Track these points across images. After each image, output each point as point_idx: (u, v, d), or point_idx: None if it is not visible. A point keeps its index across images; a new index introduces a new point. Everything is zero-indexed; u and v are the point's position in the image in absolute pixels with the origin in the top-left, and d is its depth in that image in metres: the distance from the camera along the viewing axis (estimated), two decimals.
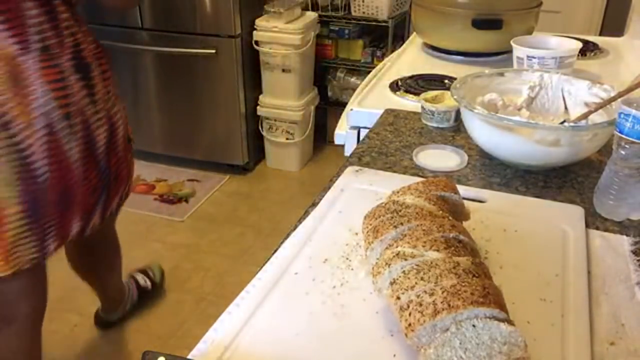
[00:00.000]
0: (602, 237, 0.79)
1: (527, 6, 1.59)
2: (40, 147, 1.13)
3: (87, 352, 1.86)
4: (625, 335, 0.62)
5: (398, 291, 0.57)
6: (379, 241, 0.65)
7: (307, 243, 0.76)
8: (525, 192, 0.92)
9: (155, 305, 2.06)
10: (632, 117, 0.78)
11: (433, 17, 1.63)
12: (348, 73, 3.06)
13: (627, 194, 0.82)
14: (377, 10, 2.80)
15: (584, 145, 0.91)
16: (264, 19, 2.70)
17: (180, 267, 2.27)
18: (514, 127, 0.92)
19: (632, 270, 0.72)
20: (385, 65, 1.60)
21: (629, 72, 1.49)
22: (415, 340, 0.54)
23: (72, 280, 2.18)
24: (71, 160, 1.20)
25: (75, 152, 1.20)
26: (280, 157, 3.00)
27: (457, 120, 1.14)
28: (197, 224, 2.56)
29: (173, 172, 2.95)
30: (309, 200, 0.90)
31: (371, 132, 1.14)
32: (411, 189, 0.71)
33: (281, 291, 0.67)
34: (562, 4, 2.87)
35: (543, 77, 1.09)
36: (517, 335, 0.52)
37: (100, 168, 1.29)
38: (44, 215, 1.20)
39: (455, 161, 1.02)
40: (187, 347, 0.59)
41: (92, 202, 1.31)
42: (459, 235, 0.63)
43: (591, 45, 1.72)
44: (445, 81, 1.43)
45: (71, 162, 1.20)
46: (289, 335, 0.60)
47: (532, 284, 0.68)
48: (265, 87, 2.86)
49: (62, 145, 1.17)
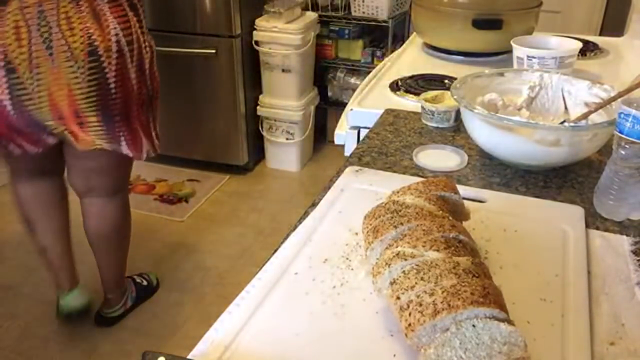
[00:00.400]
0: (602, 237, 0.79)
1: (527, 6, 1.59)
2: (113, 67, 1.44)
3: (87, 352, 1.86)
4: (625, 335, 0.62)
5: (398, 291, 0.57)
6: (379, 241, 0.65)
7: (307, 243, 0.76)
8: (525, 192, 0.92)
9: (155, 305, 2.06)
10: (632, 117, 0.78)
11: (433, 17, 1.63)
12: (348, 73, 3.06)
13: (627, 194, 0.82)
14: (377, 10, 2.80)
15: (584, 145, 0.91)
16: (264, 19, 2.70)
17: (180, 267, 2.27)
18: (514, 127, 0.92)
19: (632, 270, 0.72)
20: (385, 65, 1.60)
21: (629, 72, 1.49)
22: (415, 340, 0.54)
23: None
24: (131, 77, 1.49)
25: (133, 71, 1.49)
26: (280, 157, 3.00)
27: (457, 120, 1.14)
28: (197, 224, 2.56)
29: (173, 172, 2.95)
30: (309, 200, 0.90)
31: (371, 132, 1.14)
32: (411, 189, 0.71)
33: (281, 291, 0.67)
34: (562, 4, 2.87)
35: (543, 77, 1.09)
36: (517, 335, 0.52)
37: (147, 85, 1.56)
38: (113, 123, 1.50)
39: (455, 161, 1.02)
40: (187, 347, 0.59)
41: (145, 119, 1.58)
42: (459, 235, 0.63)
43: (591, 45, 1.72)
44: (445, 81, 1.43)
45: (131, 79, 1.50)
46: (289, 335, 0.60)
47: (532, 284, 0.68)
48: (265, 87, 2.86)
49: (127, 65, 1.47)
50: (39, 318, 2.00)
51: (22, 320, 1.99)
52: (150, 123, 1.62)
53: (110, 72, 1.44)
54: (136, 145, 1.58)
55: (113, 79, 1.45)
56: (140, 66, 1.51)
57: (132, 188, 2.79)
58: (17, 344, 1.89)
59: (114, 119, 1.49)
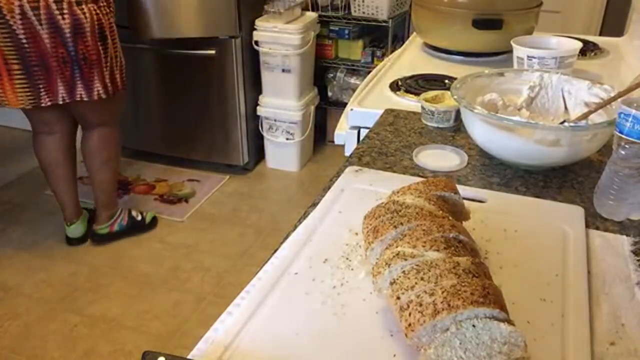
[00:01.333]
0: (602, 237, 0.79)
1: (527, 6, 1.59)
2: (20, 26, 1.82)
3: (87, 352, 1.86)
4: (625, 335, 0.62)
5: (398, 291, 0.57)
6: (379, 241, 0.65)
7: (307, 243, 0.76)
8: (525, 192, 0.92)
9: (155, 305, 2.06)
10: (632, 117, 0.78)
11: (433, 17, 1.63)
12: (348, 73, 3.06)
13: (627, 194, 0.82)
14: (377, 10, 2.80)
15: (584, 145, 0.91)
16: (264, 19, 2.70)
17: (180, 267, 2.27)
18: (514, 127, 0.92)
19: (632, 270, 0.72)
20: (385, 65, 1.60)
21: (629, 72, 1.49)
22: (415, 340, 0.54)
23: (72, 281, 2.18)
24: (42, 35, 1.85)
25: (44, 32, 1.84)
26: (280, 157, 3.00)
27: (457, 120, 1.14)
28: (197, 224, 2.56)
29: (173, 172, 2.95)
30: (309, 200, 0.90)
31: (371, 132, 1.14)
32: (411, 189, 0.71)
33: (281, 291, 0.67)
34: (562, 4, 2.87)
35: (543, 77, 1.09)
36: (517, 335, 0.52)
37: (67, 46, 1.89)
38: (33, 71, 1.89)
39: (455, 161, 1.02)
40: (187, 347, 0.59)
41: (69, 74, 1.94)
42: (459, 235, 0.63)
43: (591, 45, 1.72)
44: (445, 81, 1.43)
45: (42, 38, 1.85)
46: (289, 335, 0.60)
47: (532, 284, 0.68)
48: (265, 87, 2.86)
49: (35, 26, 1.83)
50: (39, 318, 2.00)
51: (22, 320, 1.99)
52: (77, 79, 1.96)
53: (18, 30, 1.82)
54: (53, 95, 1.95)
55: (23, 35, 1.83)
56: (53, 29, 1.85)
57: (132, 188, 2.79)
58: (17, 344, 1.89)
59: (33, 68, 1.89)
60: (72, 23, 1.87)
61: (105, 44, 1.99)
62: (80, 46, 1.92)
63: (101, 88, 2.02)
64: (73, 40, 1.89)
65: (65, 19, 1.85)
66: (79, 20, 1.88)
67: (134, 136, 2.97)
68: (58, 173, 2.22)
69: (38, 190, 2.76)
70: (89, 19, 1.90)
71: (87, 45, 1.93)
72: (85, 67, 1.96)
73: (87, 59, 1.95)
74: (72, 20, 1.87)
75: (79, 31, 1.89)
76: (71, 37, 1.88)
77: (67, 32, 1.87)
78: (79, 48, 1.92)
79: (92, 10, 1.91)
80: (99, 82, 2.01)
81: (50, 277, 2.21)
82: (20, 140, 3.27)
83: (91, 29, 1.92)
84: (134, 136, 2.97)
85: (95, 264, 2.28)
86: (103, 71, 2.01)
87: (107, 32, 1.99)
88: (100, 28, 1.95)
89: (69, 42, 1.89)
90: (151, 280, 2.20)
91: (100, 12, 1.94)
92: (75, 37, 1.89)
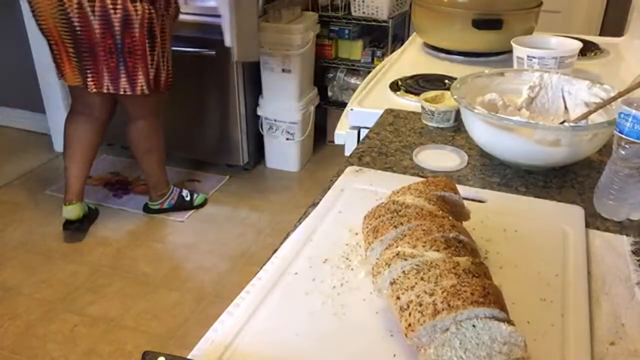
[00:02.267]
0: (602, 237, 0.79)
1: (527, 6, 1.59)
2: (76, 13, 1.97)
3: (87, 352, 1.86)
4: (625, 335, 0.62)
5: (398, 291, 0.57)
6: (379, 241, 0.65)
7: (307, 243, 0.76)
8: (525, 192, 0.92)
9: (155, 305, 2.06)
10: (632, 117, 0.78)
11: (433, 17, 1.63)
12: (348, 73, 3.06)
13: (627, 194, 0.82)
14: (377, 10, 2.80)
15: (584, 145, 0.91)
16: (264, 19, 2.70)
17: (180, 267, 2.27)
18: (514, 127, 0.92)
19: (632, 270, 0.72)
20: (385, 65, 1.60)
21: (629, 72, 1.49)
22: (415, 340, 0.54)
23: (73, 281, 2.18)
24: (94, 25, 1.99)
25: (96, 22, 1.98)
26: (280, 157, 3.00)
27: (457, 120, 1.14)
28: (197, 224, 2.56)
29: (173, 172, 2.94)
30: (309, 200, 0.90)
31: (371, 132, 1.14)
32: (411, 189, 0.71)
33: (281, 291, 0.67)
34: (562, 4, 2.87)
35: (543, 77, 1.09)
36: (517, 335, 0.52)
37: (115, 38, 2.02)
38: (82, 56, 2.06)
39: (455, 161, 1.02)
40: (187, 347, 0.59)
41: (114, 65, 2.07)
42: (459, 235, 0.63)
43: (591, 45, 1.72)
44: (445, 81, 1.43)
45: (94, 27, 1.99)
46: (289, 335, 0.60)
47: (532, 284, 0.68)
48: (265, 87, 2.86)
49: (88, 16, 1.98)
50: (39, 318, 2.00)
51: (22, 320, 1.99)
52: (121, 71, 2.09)
53: (74, 17, 1.97)
54: (99, 82, 2.10)
55: (77, 23, 1.98)
56: (104, 20, 1.98)
57: (132, 188, 2.79)
58: (17, 344, 1.89)
59: (83, 54, 2.05)
60: (122, 17, 1.99)
61: (153, 42, 2.10)
62: (127, 39, 2.03)
63: (145, 83, 2.14)
64: (121, 33, 2.02)
65: (117, 13, 1.98)
66: (129, 15, 2.00)
67: None
68: (76, 151, 2.34)
69: (38, 190, 2.76)
70: (140, 15, 2.02)
71: (134, 39, 2.04)
72: (130, 60, 2.07)
73: (133, 52, 2.06)
74: (122, 15, 1.99)
75: (127, 25, 2.01)
76: (120, 30, 2.01)
77: (116, 25, 2.00)
78: (125, 41, 2.03)
79: (145, 8, 2.03)
80: (143, 76, 2.12)
81: (50, 277, 2.21)
82: (20, 140, 3.27)
83: (140, 24, 2.03)
84: None
85: (95, 264, 2.28)
86: (148, 67, 2.12)
87: (158, 32, 2.10)
88: (150, 26, 2.07)
89: (117, 34, 2.01)
90: (151, 280, 2.20)
91: (155, 13, 2.07)
92: (124, 30, 2.01)
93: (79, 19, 1.98)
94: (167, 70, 2.23)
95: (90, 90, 2.11)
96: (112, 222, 2.54)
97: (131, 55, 2.06)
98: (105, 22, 1.99)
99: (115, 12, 1.98)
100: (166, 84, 2.25)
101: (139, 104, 2.29)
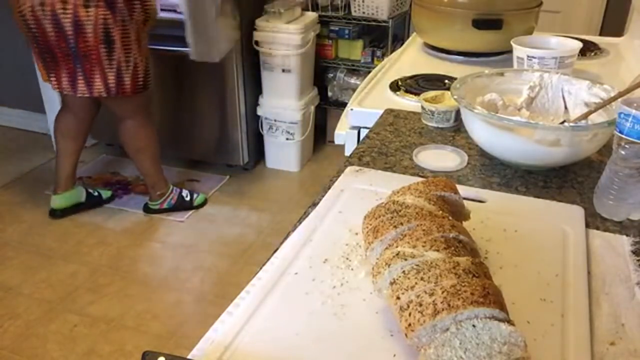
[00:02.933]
0: (602, 237, 0.79)
1: (527, 6, 1.59)
2: (30, 17, 2.02)
3: (87, 352, 1.86)
4: (625, 335, 0.62)
5: (398, 291, 0.57)
6: (379, 241, 0.65)
7: (307, 243, 0.76)
8: (525, 192, 0.92)
9: (155, 305, 2.06)
10: (632, 117, 0.78)
11: (433, 17, 1.63)
12: (348, 73, 3.06)
13: (627, 194, 0.82)
14: (377, 10, 2.80)
15: (584, 145, 0.91)
16: (264, 19, 2.70)
17: (180, 267, 2.27)
18: (514, 127, 0.92)
19: (632, 270, 0.72)
20: (385, 65, 1.60)
21: (629, 72, 1.49)
22: (415, 340, 0.54)
23: (72, 281, 2.18)
24: (47, 29, 2.02)
25: (49, 27, 2.02)
26: (280, 157, 3.00)
27: (457, 120, 1.14)
28: (197, 224, 2.56)
29: (173, 172, 2.94)
30: (309, 200, 0.90)
31: (371, 132, 1.14)
32: (411, 189, 0.71)
33: (281, 291, 0.67)
34: (562, 4, 2.87)
35: (543, 77, 1.09)
36: (517, 335, 0.52)
37: (68, 42, 2.04)
38: (44, 57, 2.12)
39: (455, 161, 1.02)
40: (187, 347, 0.59)
41: (71, 67, 2.09)
42: (459, 235, 0.63)
43: (591, 45, 1.72)
44: (445, 81, 1.43)
45: (47, 30, 2.03)
46: (289, 335, 0.60)
47: (532, 284, 0.68)
48: (265, 87, 2.86)
49: (40, 19, 2.01)
50: (39, 318, 2.00)
51: (22, 320, 1.99)
52: (79, 74, 2.11)
53: (29, 20, 2.02)
54: (59, 83, 2.15)
55: (33, 25, 2.03)
56: (55, 24, 2.00)
57: (132, 188, 2.79)
58: (17, 344, 1.89)
59: (45, 55, 2.11)
60: (73, 21, 2.00)
61: (110, 47, 2.08)
62: (81, 44, 2.04)
63: (102, 87, 2.13)
64: (74, 37, 2.02)
65: (68, 17, 1.99)
66: (80, 19, 2.00)
67: None
68: (64, 146, 2.44)
69: (38, 190, 2.76)
70: (93, 20, 2.01)
71: (88, 43, 2.04)
72: (87, 64, 2.08)
73: (88, 56, 2.07)
74: (73, 19, 2.00)
75: (80, 29, 2.01)
76: (72, 34, 2.02)
77: (68, 29, 2.01)
78: (79, 45, 2.04)
79: (99, 13, 2.01)
80: (101, 81, 2.12)
81: (50, 277, 2.21)
82: (20, 140, 3.27)
83: (94, 29, 2.02)
84: None
85: (95, 264, 2.28)
86: (105, 71, 2.11)
87: (117, 37, 2.07)
88: (106, 31, 2.05)
89: (70, 38, 2.03)
90: (151, 280, 2.20)
91: (112, 18, 2.04)
92: (77, 34, 2.02)
93: (34, 21, 2.02)
94: (135, 73, 2.18)
95: (54, 89, 2.18)
96: (112, 222, 2.54)
97: (86, 59, 2.07)
98: (57, 26, 2.00)
99: (66, 16, 1.98)
100: (133, 87, 2.19)
101: (119, 104, 2.29)
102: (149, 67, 2.27)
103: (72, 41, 2.03)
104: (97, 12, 2.00)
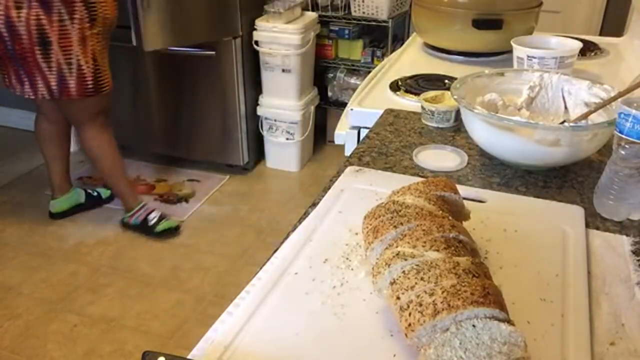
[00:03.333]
0: (602, 237, 0.79)
1: (527, 6, 1.59)
2: None
3: (87, 352, 1.86)
4: (625, 335, 0.62)
5: (398, 291, 0.57)
6: (379, 241, 0.65)
7: (307, 243, 0.76)
8: (525, 192, 0.92)
9: (155, 305, 2.06)
10: (632, 117, 0.78)
11: (433, 17, 1.63)
12: (348, 73, 3.06)
13: (627, 194, 0.82)
14: (377, 10, 2.80)
15: (584, 145, 0.91)
16: (264, 19, 2.70)
17: (180, 267, 2.27)
18: (514, 127, 0.92)
19: (632, 270, 0.72)
20: (385, 65, 1.60)
21: (629, 72, 1.49)
22: (415, 340, 0.54)
23: (72, 281, 2.18)
24: None
25: None
26: (280, 157, 3.00)
27: (457, 120, 1.14)
28: (197, 224, 2.56)
29: (173, 172, 2.95)
30: (309, 200, 0.90)
31: (371, 132, 1.14)
32: (411, 189, 0.71)
33: (281, 291, 0.67)
34: (562, 4, 2.87)
35: (543, 77, 1.09)
36: (517, 335, 0.52)
37: (5, 44, 2.02)
38: None
39: (455, 161, 1.02)
40: (187, 347, 0.59)
41: (16, 68, 2.08)
42: (459, 235, 0.63)
43: (591, 45, 1.72)
44: (445, 81, 1.43)
45: None
46: (289, 335, 0.60)
47: (532, 284, 0.68)
48: (265, 87, 2.86)
49: None
50: (39, 318, 2.00)
51: (22, 320, 1.99)
52: (22, 76, 2.09)
53: None
54: (10, 84, 2.14)
55: None
56: None
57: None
58: (17, 344, 1.89)
59: None
60: (4, 23, 1.97)
61: (46, 48, 2.01)
62: (17, 45, 2.01)
63: (45, 90, 2.10)
64: (10, 39, 2.00)
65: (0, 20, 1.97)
66: (11, 21, 1.97)
67: (134, 136, 2.97)
68: (48, 152, 2.42)
69: (38, 190, 2.76)
70: (24, 22, 1.96)
71: (23, 45, 2.01)
72: (25, 66, 2.06)
73: (24, 58, 2.04)
74: (5, 21, 1.97)
75: (12, 31, 1.98)
76: (8, 36, 2.00)
77: (3, 31, 1.99)
78: (15, 47, 2.02)
79: (32, 15, 1.95)
80: (42, 83, 2.08)
81: (50, 277, 2.21)
82: (20, 140, 3.26)
83: (27, 31, 1.98)
84: (133, 136, 2.97)
85: (95, 264, 2.28)
86: (45, 74, 2.06)
87: (54, 38, 2.00)
88: (40, 33, 1.98)
89: (6, 40, 2.01)
90: (151, 280, 2.20)
91: (47, 19, 1.96)
92: (11, 36, 2.00)
93: None
94: (81, 76, 2.08)
95: (6, 87, 2.16)
96: (112, 222, 2.54)
97: (24, 60, 2.04)
98: None
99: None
100: (80, 90, 2.10)
101: (69, 108, 2.22)
102: (104, 70, 2.16)
103: (9, 43, 2.00)
104: (30, 13, 1.94)
